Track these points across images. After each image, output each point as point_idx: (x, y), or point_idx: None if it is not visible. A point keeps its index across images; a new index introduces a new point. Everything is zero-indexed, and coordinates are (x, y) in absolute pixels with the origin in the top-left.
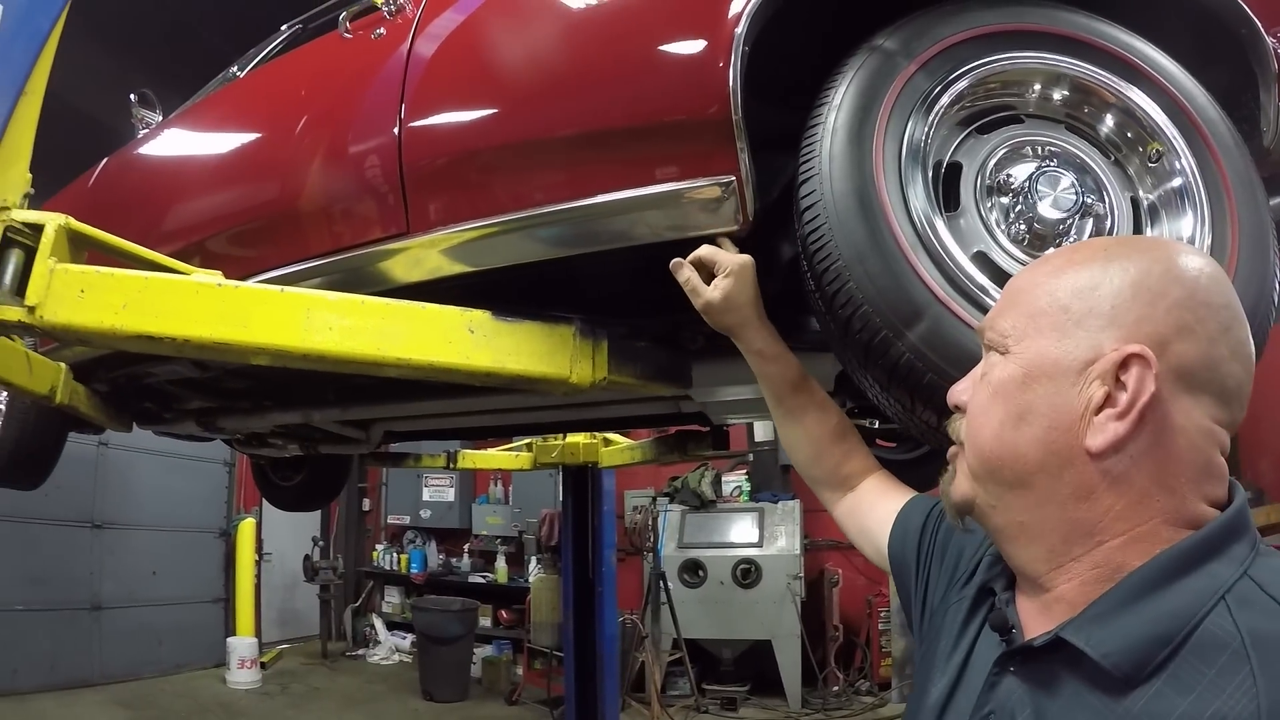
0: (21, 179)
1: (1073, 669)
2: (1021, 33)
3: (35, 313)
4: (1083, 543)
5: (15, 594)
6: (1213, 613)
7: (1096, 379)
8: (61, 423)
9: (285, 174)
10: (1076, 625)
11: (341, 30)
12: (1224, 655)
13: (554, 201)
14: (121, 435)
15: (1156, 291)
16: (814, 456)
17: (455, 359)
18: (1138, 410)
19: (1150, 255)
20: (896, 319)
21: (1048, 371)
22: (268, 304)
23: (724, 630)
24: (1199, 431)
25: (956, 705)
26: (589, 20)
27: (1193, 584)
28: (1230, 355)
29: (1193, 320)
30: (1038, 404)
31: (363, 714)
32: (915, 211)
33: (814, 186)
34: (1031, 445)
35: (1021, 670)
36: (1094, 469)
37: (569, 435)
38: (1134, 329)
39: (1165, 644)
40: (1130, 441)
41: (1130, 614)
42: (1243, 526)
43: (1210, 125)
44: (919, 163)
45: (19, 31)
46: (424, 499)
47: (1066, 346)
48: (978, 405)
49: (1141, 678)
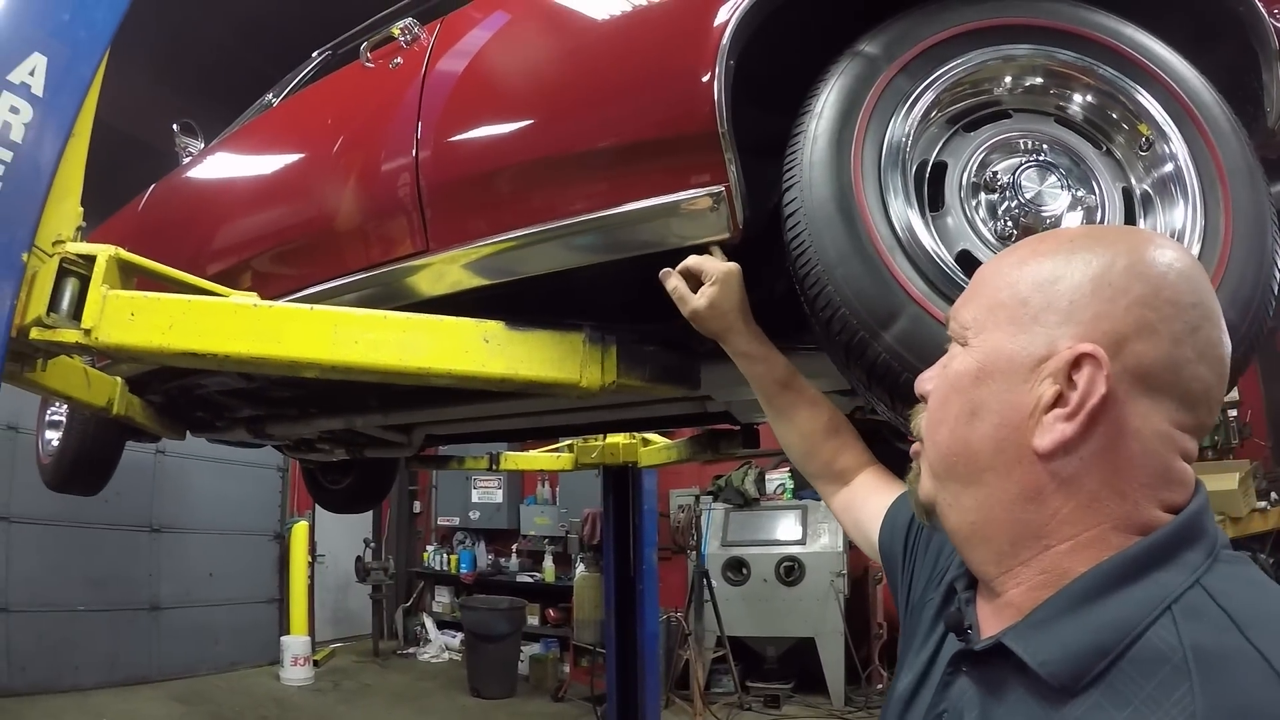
0: (74, 213)
1: (1018, 674)
2: (1003, 27)
3: (91, 334)
4: (1030, 546)
5: (77, 595)
6: (1157, 624)
7: (1048, 377)
8: (119, 432)
9: (317, 197)
10: (1017, 631)
11: (363, 60)
12: (1164, 669)
13: (558, 217)
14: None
15: (1118, 287)
16: (807, 452)
17: (472, 367)
18: (1086, 412)
19: (1117, 248)
20: (873, 320)
21: (1001, 367)
22: (299, 321)
23: (767, 628)
24: (1156, 436)
25: (920, 700)
26: (583, 45)
27: (1137, 593)
28: (1197, 357)
29: (1155, 319)
30: (990, 400)
31: (411, 709)
32: (894, 214)
33: (796, 194)
34: (983, 442)
35: (973, 672)
36: (1042, 470)
37: (609, 436)
38: (1091, 326)
39: (1104, 654)
40: (1079, 443)
41: (1070, 622)
42: (1197, 533)
43: (1204, 110)
44: (899, 165)
45: (64, 80)
46: (473, 501)
47: (1021, 342)
48: (937, 399)
49: (1079, 688)
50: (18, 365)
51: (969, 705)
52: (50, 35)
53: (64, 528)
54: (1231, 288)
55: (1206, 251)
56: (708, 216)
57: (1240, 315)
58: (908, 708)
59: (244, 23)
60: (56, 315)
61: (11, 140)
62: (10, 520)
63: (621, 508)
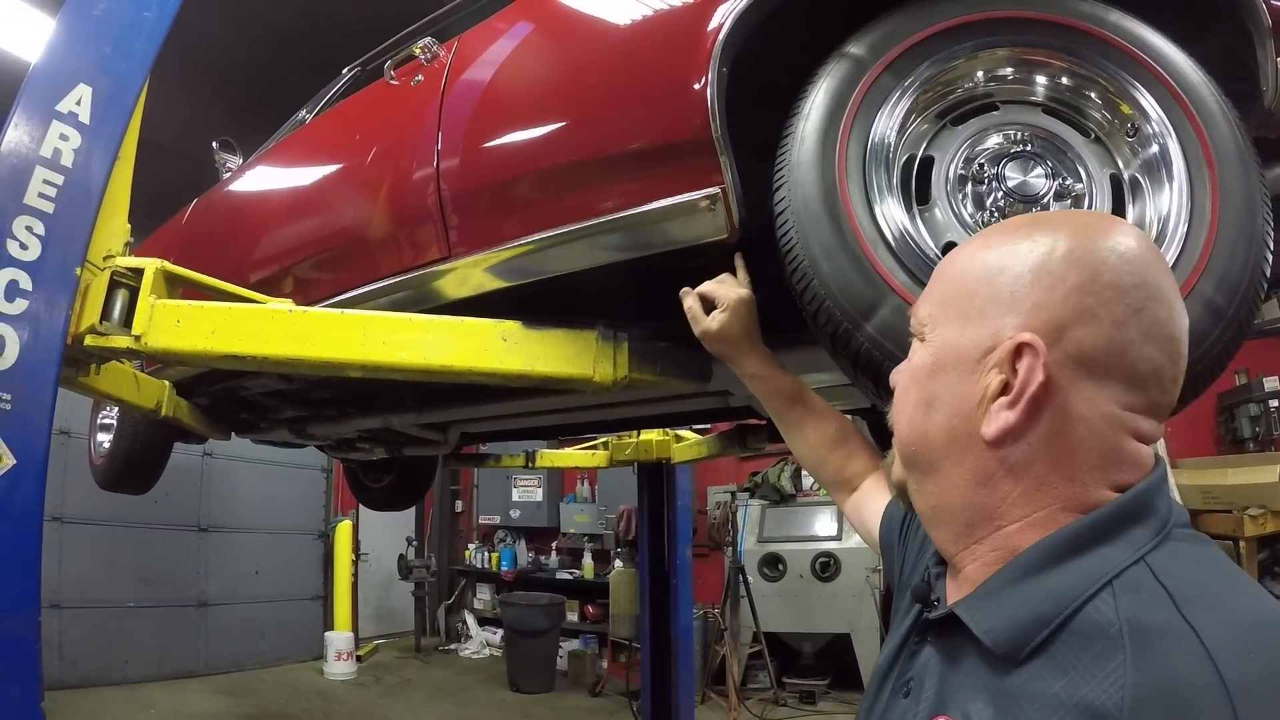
0: (122, 230)
1: (972, 644)
2: (986, 21)
3: (141, 340)
4: (984, 526)
5: (128, 592)
6: (1097, 597)
7: (994, 367)
8: (167, 434)
9: (349, 208)
10: (968, 602)
11: (387, 77)
12: (1101, 641)
13: (568, 223)
14: (224, 446)
15: (1056, 275)
16: (819, 462)
17: (490, 364)
18: (1027, 399)
19: (1058, 235)
20: (856, 311)
21: (953, 359)
22: (330, 324)
23: (803, 624)
24: (1103, 418)
25: (895, 670)
26: (584, 60)
27: (1080, 566)
28: (1142, 338)
29: (1095, 304)
30: (943, 391)
31: (452, 703)
32: (878, 209)
33: (785, 192)
34: (938, 431)
35: (936, 641)
36: (991, 456)
37: (643, 433)
38: (1031, 315)
39: (1045, 624)
40: (1025, 430)
41: (1013, 593)
42: (1144, 510)
43: (1192, 93)
44: (884, 161)
45: (109, 108)
46: (513, 499)
47: (969, 334)
48: (899, 390)
49: (1022, 657)
50: (73, 370)
51: (931, 672)
52: (94, 67)
53: (115, 528)
54: (1219, 271)
55: (1192, 236)
56: (705, 217)
57: (1228, 299)
58: (885, 678)
59: (275, 37)
60: (109, 323)
61: (62, 165)
62: (63, 521)
63: (656, 504)
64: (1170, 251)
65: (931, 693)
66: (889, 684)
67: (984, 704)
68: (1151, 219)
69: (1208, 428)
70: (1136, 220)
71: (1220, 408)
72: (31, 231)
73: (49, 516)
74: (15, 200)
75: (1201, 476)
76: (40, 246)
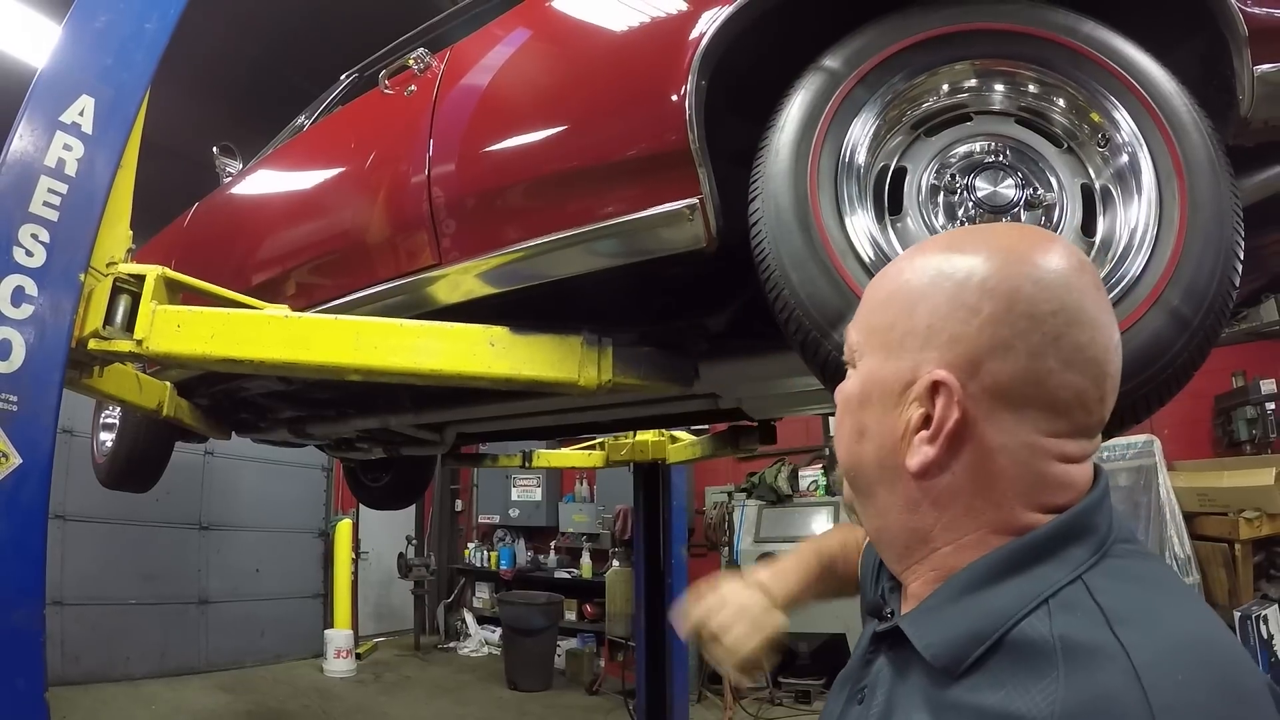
0: (124, 237)
1: (918, 657)
2: (959, 34)
3: (143, 344)
4: (920, 548)
5: (130, 589)
6: (1032, 615)
7: (915, 400)
8: (169, 433)
9: (346, 214)
10: (911, 617)
11: (382, 87)
12: (1036, 658)
13: (554, 231)
14: (225, 445)
15: (971, 307)
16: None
17: (478, 368)
18: (945, 435)
19: (976, 261)
20: (824, 320)
21: (877, 392)
22: (324, 330)
23: (799, 624)
24: (1024, 448)
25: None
26: (570, 71)
27: (1017, 585)
28: (1062, 366)
29: (1009, 335)
30: (871, 423)
31: (450, 700)
32: (848, 220)
33: (759, 204)
34: (869, 461)
35: (889, 652)
36: (916, 486)
37: (638, 434)
38: (947, 350)
39: (981, 641)
40: (947, 461)
41: (953, 609)
42: (1081, 530)
43: (1164, 103)
44: (855, 173)
45: (111, 118)
46: (512, 499)
47: (890, 368)
48: (838, 415)
49: (961, 671)
50: (77, 372)
51: (882, 682)
52: (96, 79)
53: (117, 525)
54: (1185, 281)
55: (1160, 245)
56: (685, 226)
57: (1194, 309)
58: (844, 685)
59: (277, 41)
60: (111, 328)
61: (66, 174)
62: (66, 518)
63: (651, 504)
64: (1138, 260)
65: (881, 701)
66: (847, 690)
67: (925, 713)
68: (1121, 228)
69: (1204, 430)
70: (1106, 230)
71: (1217, 410)
72: (36, 239)
73: (52, 514)
74: (21, 208)
75: (1197, 479)
76: (45, 253)
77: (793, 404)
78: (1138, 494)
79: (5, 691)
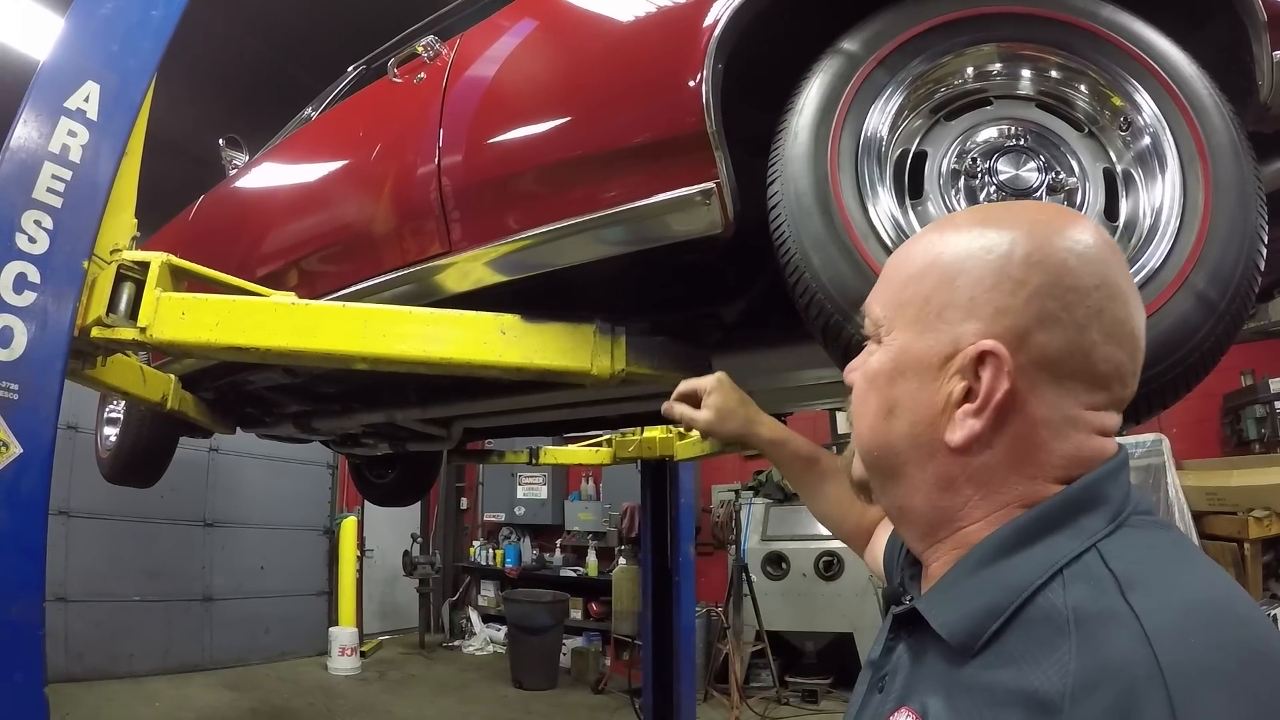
0: (129, 224)
1: (934, 638)
2: (979, 17)
3: (146, 332)
4: (946, 527)
5: (134, 586)
6: (1047, 586)
7: (956, 373)
8: (173, 427)
9: (354, 204)
10: (927, 598)
11: (391, 75)
12: (1049, 630)
13: (566, 217)
14: (230, 441)
15: (1017, 279)
16: (841, 518)
17: (489, 357)
18: (992, 407)
19: (1015, 234)
20: (846, 304)
21: (912, 366)
22: (332, 317)
23: (806, 623)
24: (1066, 420)
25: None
26: (582, 57)
27: (1030, 557)
28: (1104, 339)
29: (1057, 308)
30: (904, 398)
31: (454, 699)
32: (869, 203)
33: (778, 186)
34: (900, 438)
35: (908, 639)
36: (955, 462)
37: (646, 430)
38: (993, 321)
39: (996, 615)
40: (990, 436)
41: (967, 586)
42: (1095, 499)
43: (1186, 86)
44: (876, 156)
45: (116, 105)
46: (518, 497)
47: (928, 341)
48: (857, 394)
49: (977, 648)
50: (79, 363)
51: (901, 667)
52: (102, 65)
53: (121, 522)
54: (1211, 265)
55: (1184, 229)
56: (701, 211)
57: (1220, 293)
58: (866, 676)
59: (282, 35)
60: (115, 316)
61: (70, 160)
62: (70, 515)
63: (659, 501)
64: (1162, 244)
65: (899, 686)
66: (868, 680)
67: (940, 696)
68: (1144, 212)
69: (1213, 429)
70: (1130, 213)
71: (1226, 409)
72: (40, 225)
73: (56, 511)
74: (24, 195)
75: (1206, 478)
76: (48, 240)
77: (803, 398)
78: (1146, 493)
79: (3, 685)
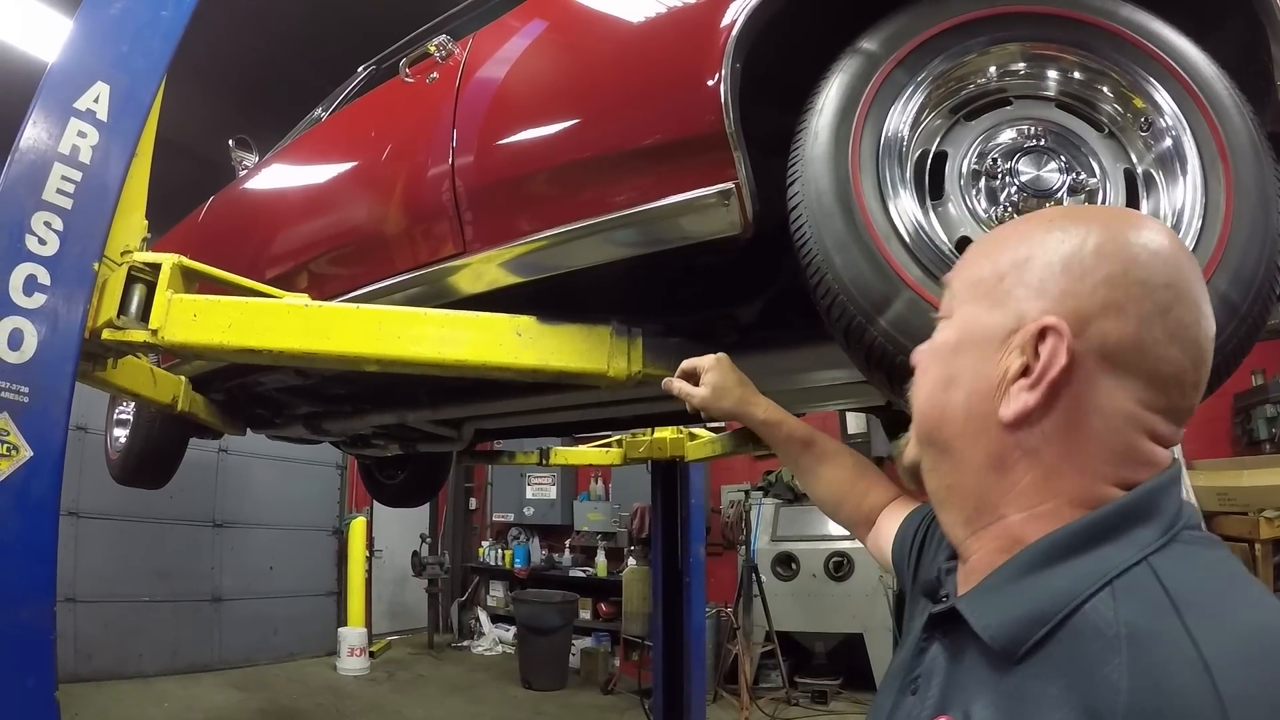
0: (139, 226)
1: (975, 640)
2: (999, 17)
3: (158, 334)
4: (988, 514)
5: (143, 586)
6: (1096, 598)
7: (1016, 348)
8: (183, 429)
9: (365, 204)
10: (970, 597)
11: (402, 75)
12: (1098, 644)
13: (583, 218)
14: (240, 442)
15: (1087, 266)
16: (838, 502)
17: (505, 359)
18: (1048, 382)
19: (1091, 227)
20: (869, 305)
21: (976, 339)
22: (346, 319)
23: (816, 623)
24: (1120, 414)
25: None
26: (600, 56)
27: (1081, 565)
28: (1167, 339)
29: (1123, 298)
30: (964, 370)
31: (463, 699)
32: (891, 204)
33: (799, 187)
34: (955, 409)
35: (944, 639)
36: (1006, 439)
37: (656, 431)
38: (1058, 302)
39: (1043, 623)
40: (1042, 414)
41: (1014, 589)
42: (1149, 510)
43: (1206, 87)
44: (897, 156)
45: (126, 105)
46: (527, 497)
47: (995, 316)
48: (920, 368)
49: (1020, 655)
50: (90, 365)
51: (937, 669)
52: (111, 66)
53: (130, 522)
54: (1233, 267)
55: (1206, 230)
56: (719, 212)
57: (1242, 295)
58: (895, 678)
59: (292, 36)
60: (126, 317)
61: (80, 161)
62: (79, 515)
63: (669, 502)
64: None
65: (936, 691)
66: (899, 682)
67: (984, 704)
68: (1165, 214)
69: (1223, 429)
70: (1150, 214)
71: (1236, 409)
72: (50, 227)
73: (65, 511)
74: (34, 196)
75: (1217, 478)
76: (59, 242)
77: (816, 399)
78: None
79: (15, 690)
